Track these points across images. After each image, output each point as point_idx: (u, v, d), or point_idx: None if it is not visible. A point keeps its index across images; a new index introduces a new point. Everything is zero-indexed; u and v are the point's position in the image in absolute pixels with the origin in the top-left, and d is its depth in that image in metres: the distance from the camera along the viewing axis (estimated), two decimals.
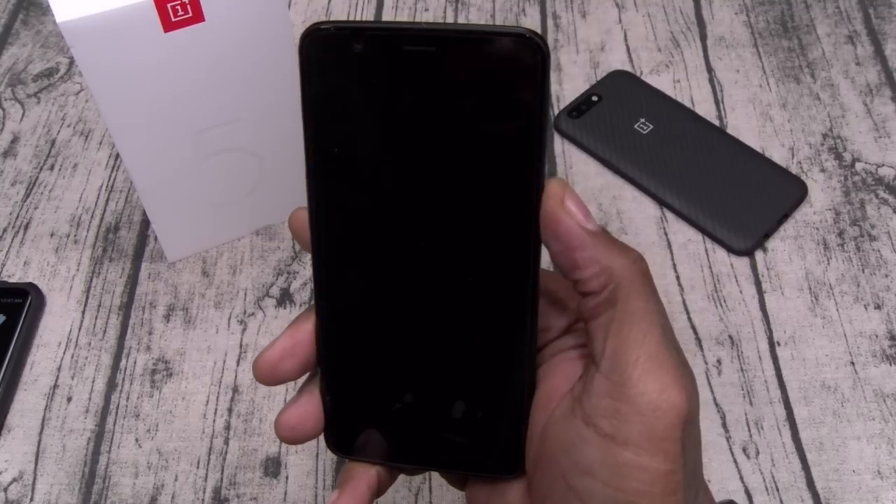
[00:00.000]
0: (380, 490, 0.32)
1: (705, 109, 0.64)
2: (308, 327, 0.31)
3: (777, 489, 0.47)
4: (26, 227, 0.59)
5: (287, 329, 0.31)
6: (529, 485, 0.31)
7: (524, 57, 0.27)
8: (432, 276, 0.30)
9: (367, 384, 0.32)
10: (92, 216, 0.60)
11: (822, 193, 0.59)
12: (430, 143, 0.28)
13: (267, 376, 0.31)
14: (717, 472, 0.48)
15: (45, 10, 0.72)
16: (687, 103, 0.64)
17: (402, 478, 0.45)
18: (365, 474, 0.32)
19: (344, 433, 0.32)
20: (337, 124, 0.28)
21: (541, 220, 0.28)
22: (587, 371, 0.29)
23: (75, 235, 0.59)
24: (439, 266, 0.30)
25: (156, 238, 0.58)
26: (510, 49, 0.27)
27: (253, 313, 0.55)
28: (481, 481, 0.32)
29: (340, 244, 0.30)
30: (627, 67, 0.66)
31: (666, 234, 0.58)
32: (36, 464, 0.49)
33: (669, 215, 0.58)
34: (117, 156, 0.63)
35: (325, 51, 0.28)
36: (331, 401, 0.32)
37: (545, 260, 0.30)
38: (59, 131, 0.64)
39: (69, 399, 0.52)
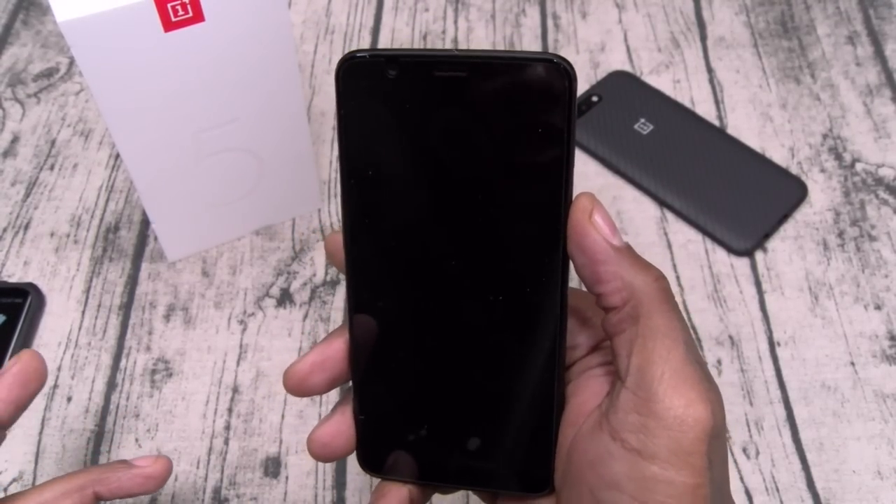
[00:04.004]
0: None
1: (705, 110, 0.64)
2: (339, 344, 0.32)
3: (777, 489, 0.47)
4: (26, 227, 0.59)
5: (318, 344, 0.32)
6: (557, 501, 0.31)
7: (553, 81, 0.28)
8: (465, 295, 0.30)
9: (399, 404, 0.32)
10: (92, 216, 0.60)
11: (822, 194, 0.59)
12: (463, 165, 0.29)
13: (295, 387, 0.32)
14: None
15: (45, 10, 0.72)
16: (687, 104, 0.64)
17: None
18: (397, 493, 0.32)
19: (376, 452, 0.33)
20: (372, 149, 0.29)
21: (568, 232, 0.29)
22: (613, 387, 0.29)
23: (75, 235, 0.59)
24: (471, 285, 0.30)
25: (156, 238, 0.58)
26: (539, 73, 0.28)
27: (253, 313, 0.55)
28: (511, 499, 0.33)
29: (374, 266, 0.31)
30: (627, 68, 0.66)
31: (666, 234, 0.58)
32: (36, 464, 0.49)
33: (669, 215, 0.58)
34: (117, 156, 0.63)
35: (360, 78, 0.29)
36: (363, 420, 0.32)
37: (572, 278, 0.30)
38: (59, 131, 0.64)
39: (69, 399, 0.52)
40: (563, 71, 0.28)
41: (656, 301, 0.28)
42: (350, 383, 0.33)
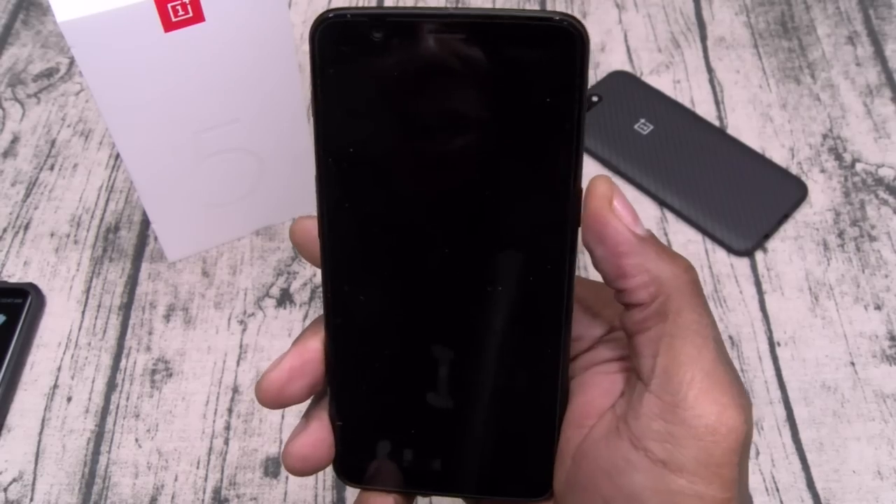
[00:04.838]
0: None
1: (705, 110, 0.64)
2: (316, 344, 0.28)
3: (777, 489, 0.47)
4: (26, 227, 0.59)
5: (293, 347, 0.29)
6: None
7: (560, 43, 0.24)
8: (456, 286, 0.27)
9: (382, 407, 0.29)
10: (92, 216, 0.60)
11: (822, 194, 0.59)
12: (457, 141, 0.26)
13: (272, 399, 0.28)
14: None
15: (45, 10, 0.72)
16: (687, 104, 0.64)
17: None
18: None
19: (356, 461, 0.30)
20: (353, 122, 0.26)
21: (584, 222, 0.26)
22: (632, 388, 0.27)
23: (75, 235, 0.59)
24: (464, 275, 0.27)
25: (156, 238, 0.58)
26: (545, 35, 0.24)
27: (253, 313, 0.55)
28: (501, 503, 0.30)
29: (355, 254, 0.28)
30: (627, 68, 0.66)
31: (666, 234, 0.58)
32: (36, 464, 0.49)
33: (669, 215, 0.58)
34: (117, 156, 0.63)
35: (339, 40, 0.25)
36: (342, 427, 0.29)
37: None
38: (59, 131, 0.64)
39: (69, 399, 0.52)
40: (572, 30, 0.24)
41: (686, 295, 0.26)
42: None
